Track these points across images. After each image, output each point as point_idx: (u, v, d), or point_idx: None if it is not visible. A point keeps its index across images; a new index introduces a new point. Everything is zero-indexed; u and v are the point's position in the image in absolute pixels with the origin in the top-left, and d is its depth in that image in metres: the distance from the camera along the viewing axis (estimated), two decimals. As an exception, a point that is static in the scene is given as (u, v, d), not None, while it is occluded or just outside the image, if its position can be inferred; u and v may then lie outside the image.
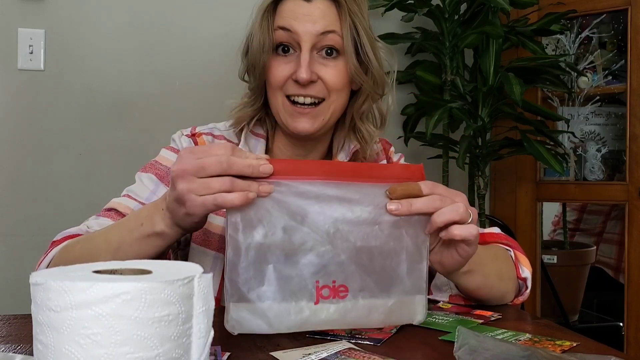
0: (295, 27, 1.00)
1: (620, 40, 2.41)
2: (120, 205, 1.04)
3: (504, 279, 0.99)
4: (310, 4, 1.01)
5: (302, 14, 1.00)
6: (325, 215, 0.76)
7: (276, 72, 1.02)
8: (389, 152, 1.20)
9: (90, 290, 0.49)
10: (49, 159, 1.98)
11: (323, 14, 1.01)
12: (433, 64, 2.13)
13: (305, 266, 0.76)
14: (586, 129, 2.42)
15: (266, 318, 0.76)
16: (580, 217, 2.92)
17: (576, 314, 2.61)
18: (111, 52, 2.02)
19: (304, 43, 1.00)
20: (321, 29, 1.00)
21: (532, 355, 0.66)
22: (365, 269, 0.78)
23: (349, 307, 0.78)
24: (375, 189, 0.78)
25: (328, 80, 1.02)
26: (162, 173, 1.08)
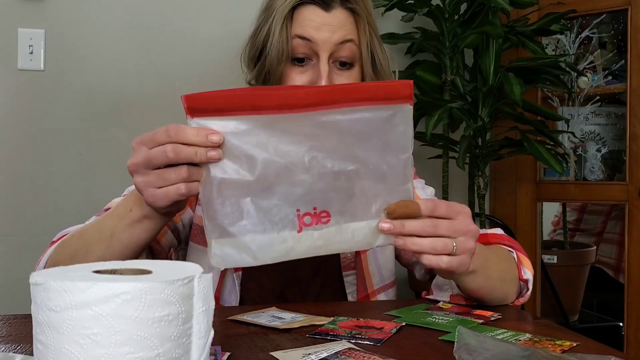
0: (314, 37, 0.99)
1: (620, 40, 2.41)
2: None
3: (506, 281, 0.98)
4: (329, 13, 1.00)
5: (321, 24, 0.99)
6: (300, 144, 0.74)
7: (293, 81, 1.01)
8: None
9: (90, 290, 0.49)
10: (49, 159, 1.98)
11: (342, 24, 1.00)
12: (433, 64, 2.13)
13: (283, 196, 0.75)
14: (586, 129, 2.42)
15: (250, 251, 0.75)
16: (581, 217, 2.92)
17: (576, 314, 2.61)
18: (111, 52, 2.03)
19: (322, 53, 1.00)
20: (340, 38, 1.00)
21: (532, 355, 0.66)
22: (346, 193, 0.76)
23: (332, 232, 0.77)
24: (355, 113, 0.74)
25: None
26: None
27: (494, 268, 0.95)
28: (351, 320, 0.87)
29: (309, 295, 1.11)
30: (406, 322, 0.87)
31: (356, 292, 1.12)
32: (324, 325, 0.84)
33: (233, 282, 1.07)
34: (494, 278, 0.95)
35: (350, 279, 1.12)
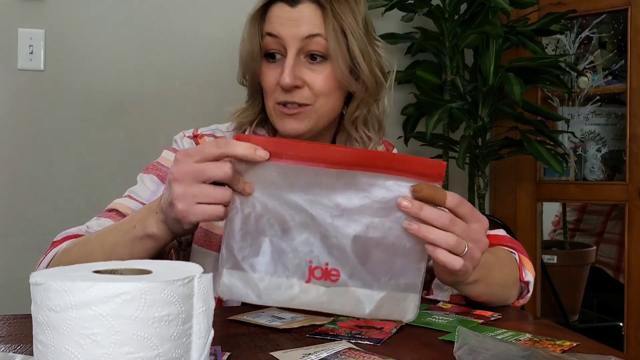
0: (280, 32, 1.00)
1: (620, 40, 2.41)
2: (121, 206, 1.04)
3: (507, 286, 0.99)
4: (294, 8, 1.00)
5: (286, 19, 1.00)
6: (329, 198, 0.76)
7: (266, 78, 1.03)
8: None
9: (90, 290, 0.49)
10: (49, 159, 1.98)
11: (308, 18, 1.00)
12: (433, 64, 2.13)
13: (301, 244, 0.76)
14: (586, 129, 2.42)
15: (256, 289, 0.76)
16: (581, 217, 2.92)
17: (576, 314, 2.62)
18: (111, 52, 2.03)
19: (289, 48, 1.00)
20: (305, 32, 0.99)
21: (532, 355, 0.66)
22: (360, 259, 0.77)
23: (338, 292, 0.77)
24: (386, 181, 0.76)
25: (313, 85, 1.01)
26: (163, 174, 1.08)
27: (496, 276, 0.95)
28: (351, 320, 0.87)
29: None
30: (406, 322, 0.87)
31: None
32: (324, 325, 0.84)
33: None
34: (495, 285, 0.95)
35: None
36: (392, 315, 0.80)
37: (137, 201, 1.05)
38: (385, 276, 0.78)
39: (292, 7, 1.00)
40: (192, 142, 1.11)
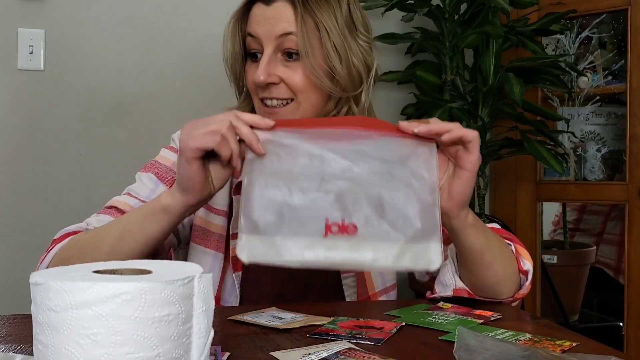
0: (257, 31, 1.02)
1: (620, 40, 2.41)
2: (120, 203, 1.05)
3: (506, 259, 0.97)
4: (269, 7, 1.02)
5: (263, 18, 1.02)
6: (340, 156, 0.80)
7: (248, 77, 1.06)
8: None
9: (90, 290, 0.49)
10: (49, 159, 1.98)
11: (282, 16, 1.01)
12: (433, 64, 2.13)
13: (315, 202, 0.78)
14: (586, 129, 2.42)
15: (277, 250, 0.77)
16: (580, 217, 2.92)
17: (576, 314, 2.62)
18: (111, 52, 2.03)
19: (265, 46, 1.02)
20: (279, 31, 1.01)
21: (532, 355, 0.66)
22: (375, 210, 0.78)
23: (357, 246, 0.78)
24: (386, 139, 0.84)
25: (289, 82, 1.02)
26: (161, 172, 1.08)
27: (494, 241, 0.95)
28: (351, 320, 0.87)
29: (307, 296, 1.11)
30: (406, 322, 0.87)
31: (356, 295, 1.11)
32: (324, 325, 0.84)
33: (233, 282, 1.07)
34: (494, 247, 0.95)
35: (349, 281, 1.11)
36: (416, 264, 0.79)
37: (137, 199, 1.05)
38: (403, 225, 0.78)
39: (267, 5, 1.03)
40: None
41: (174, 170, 1.07)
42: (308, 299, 1.11)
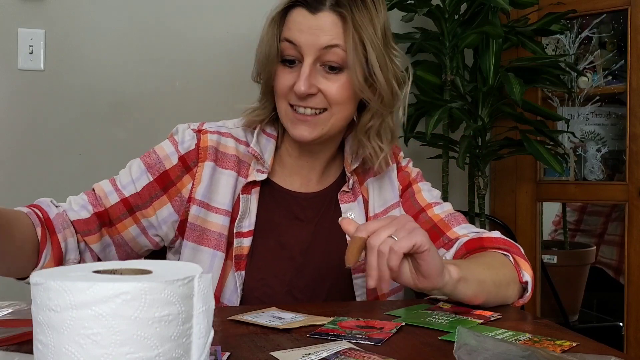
0: (299, 40, 1.00)
1: (620, 40, 2.41)
2: (98, 187, 1.10)
3: (502, 285, 0.98)
4: (315, 17, 0.99)
5: (306, 27, 1.00)
6: None
7: (280, 81, 1.03)
8: (398, 157, 1.21)
9: (90, 290, 0.49)
10: (49, 159, 1.98)
11: (328, 28, 0.99)
12: (433, 64, 2.13)
13: None
14: (586, 129, 2.42)
15: None
16: (581, 218, 2.92)
17: (576, 314, 2.62)
18: (111, 52, 2.03)
19: (306, 56, 1.00)
20: (325, 43, 0.99)
21: (532, 355, 0.66)
22: None
23: None
24: None
25: (328, 94, 1.02)
26: (151, 162, 1.08)
27: (485, 274, 0.96)
28: (351, 320, 0.87)
29: (317, 296, 1.10)
30: (406, 322, 0.87)
31: (365, 295, 1.11)
32: (324, 325, 0.84)
33: (235, 282, 1.07)
34: (488, 283, 0.95)
35: (360, 281, 1.11)
36: None
37: (116, 187, 1.08)
38: None
39: (313, 14, 1.00)
40: (194, 135, 1.10)
41: (164, 162, 1.07)
42: (317, 299, 1.10)
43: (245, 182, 1.08)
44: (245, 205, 1.07)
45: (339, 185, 1.14)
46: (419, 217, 1.14)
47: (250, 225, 1.07)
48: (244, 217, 1.07)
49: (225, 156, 1.09)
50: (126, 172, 1.09)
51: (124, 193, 1.07)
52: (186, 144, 1.08)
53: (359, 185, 1.14)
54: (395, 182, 1.17)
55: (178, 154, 1.07)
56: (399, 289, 1.15)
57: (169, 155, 1.08)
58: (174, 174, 1.07)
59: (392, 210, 1.15)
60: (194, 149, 1.08)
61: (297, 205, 1.12)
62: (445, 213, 1.14)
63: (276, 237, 1.09)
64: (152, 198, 1.07)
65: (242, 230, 1.06)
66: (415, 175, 1.19)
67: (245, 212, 1.07)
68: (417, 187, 1.17)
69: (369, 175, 1.15)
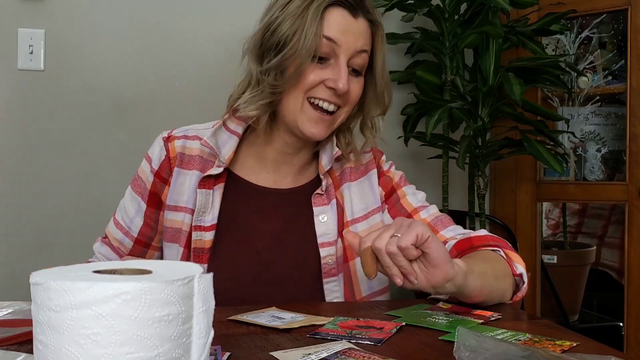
0: (340, 40, 1.02)
1: (620, 40, 2.41)
2: (110, 235, 1.17)
3: (499, 277, 0.99)
4: (356, 20, 1.04)
5: (349, 29, 1.03)
6: None
7: (311, 77, 1.03)
8: (379, 161, 1.21)
9: (90, 290, 0.49)
10: (49, 159, 1.98)
11: (364, 33, 1.05)
12: (433, 64, 2.13)
13: None
14: (586, 129, 2.42)
15: None
16: (582, 221, 2.92)
17: (576, 314, 2.62)
18: (111, 52, 2.03)
19: (342, 55, 1.03)
20: (359, 47, 1.04)
21: (532, 355, 0.66)
22: None
23: None
24: None
25: (352, 94, 1.07)
26: (139, 189, 1.14)
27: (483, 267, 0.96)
28: (351, 320, 0.87)
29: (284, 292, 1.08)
30: (406, 322, 0.87)
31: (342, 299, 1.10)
32: (324, 325, 0.84)
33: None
34: (489, 275, 0.96)
35: (331, 285, 1.09)
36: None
37: (124, 230, 1.15)
38: None
39: (355, 18, 1.04)
40: (163, 147, 1.13)
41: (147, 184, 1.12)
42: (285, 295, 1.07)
43: (202, 176, 1.09)
44: (205, 199, 1.09)
45: (313, 186, 1.14)
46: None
47: (213, 220, 1.08)
48: (205, 212, 1.08)
49: (190, 158, 1.12)
50: (124, 209, 1.15)
51: (133, 234, 1.14)
52: (156, 158, 1.13)
53: (334, 190, 1.14)
54: (377, 187, 1.18)
55: (152, 171, 1.13)
56: (380, 293, 1.14)
57: (147, 176, 1.13)
58: (156, 189, 1.13)
59: (373, 214, 1.15)
60: (165, 160, 1.12)
61: (264, 200, 1.12)
62: (432, 217, 1.15)
63: (241, 231, 1.10)
64: (155, 222, 1.14)
65: (203, 224, 1.08)
66: (399, 179, 1.19)
67: (206, 206, 1.08)
68: (402, 192, 1.18)
69: (346, 179, 1.16)
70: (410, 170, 2.33)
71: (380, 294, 1.14)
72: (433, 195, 2.27)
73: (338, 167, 1.16)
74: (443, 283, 0.87)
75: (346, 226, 1.12)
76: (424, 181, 2.29)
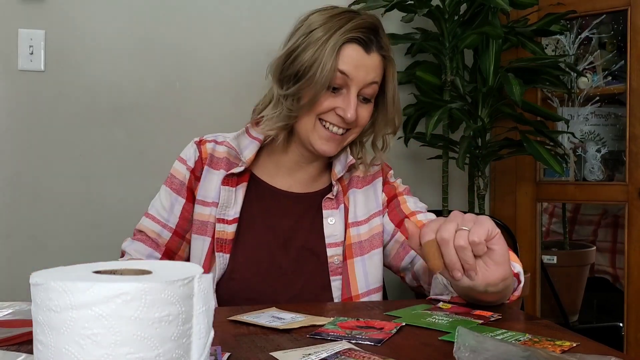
0: (352, 74, 1.11)
1: (620, 40, 2.41)
2: (146, 229, 1.20)
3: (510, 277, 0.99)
4: (369, 56, 1.12)
5: (362, 64, 1.12)
6: None
7: (324, 104, 1.13)
8: (387, 175, 1.29)
9: (90, 291, 0.49)
10: (49, 160, 1.98)
11: (375, 67, 1.14)
12: (433, 65, 2.13)
13: None
14: (586, 130, 2.42)
15: None
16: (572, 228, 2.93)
17: (576, 314, 2.62)
18: (111, 53, 2.03)
19: (354, 87, 1.12)
20: (370, 79, 1.13)
21: (532, 355, 0.66)
22: None
23: None
24: None
25: (361, 119, 1.15)
26: (176, 186, 1.21)
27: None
28: (351, 321, 0.87)
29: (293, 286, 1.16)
30: (406, 322, 0.87)
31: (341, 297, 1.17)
32: (324, 326, 0.84)
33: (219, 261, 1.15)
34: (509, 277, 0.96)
35: (337, 284, 1.17)
36: None
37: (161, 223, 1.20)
38: None
39: (368, 54, 1.12)
40: (196, 148, 1.22)
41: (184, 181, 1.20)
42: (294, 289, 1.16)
43: (226, 174, 1.18)
44: (229, 195, 1.18)
45: (324, 193, 1.23)
46: (404, 224, 1.20)
47: (235, 214, 1.17)
48: (228, 206, 1.17)
49: (218, 160, 1.21)
50: (159, 205, 1.21)
51: (172, 227, 1.20)
52: (191, 158, 1.22)
53: (342, 195, 1.23)
54: (380, 194, 1.26)
55: (189, 169, 1.21)
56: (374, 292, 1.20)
57: (184, 174, 1.21)
58: (191, 185, 1.21)
59: (374, 217, 1.23)
60: (198, 160, 1.22)
61: (279, 201, 1.21)
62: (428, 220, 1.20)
63: (258, 227, 1.19)
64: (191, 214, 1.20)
65: (227, 218, 1.17)
66: (403, 189, 1.28)
67: (229, 202, 1.17)
68: (403, 199, 1.26)
69: (353, 186, 1.24)
70: (410, 170, 2.33)
71: (374, 292, 1.20)
72: (433, 195, 2.27)
73: (347, 175, 1.25)
74: (499, 282, 0.87)
75: (348, 227, 1.20)
76: (424, 181, 2.29)
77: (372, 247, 1.20)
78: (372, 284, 1.19)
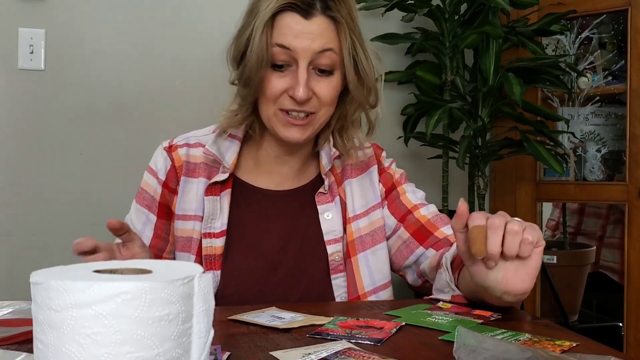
0: (293, 45, 0.99)
1: (620, 40, 2.41)
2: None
3: None
4: (309, 21, 0.99)
5: (301, 32, 0.99)
6: None
7: (272, 86, 1.02)
8: (380, 157, 1.20)
9: (90, 290, 0.49)
10: (49, 159, 1.98)
11: (322, 32, 1.00)
12: (433, 64, 2.13)
13: None
14: (586, 129, 2.42)
15: None
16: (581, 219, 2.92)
17: (576, 314, 2.62)
18: (111, 52, 2.03)
19: (301, 61, 1.00)
20: (319, 47, 1.00)
21: (532, 355, 0.66)
22: None
23: None
24: None
25: (322, 96, 1.03)
26: (147, 203, 1.12)
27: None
28: (351, 320, 0.87)
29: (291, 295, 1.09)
30: (406, 322, 0.87)
31: (346, 295, 1.11)
32: (324, 325, 0.84)
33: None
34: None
35: (339, 281, 1.10)
36: None
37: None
38: None
39: (307, 19, 0.99)
40: (167, 156, 1.12)
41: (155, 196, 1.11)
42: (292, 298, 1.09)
43: (208, 183, 1.09)
44: (213, 206, 1.08)
45: (315, 185, 1.15)
46: (407, 219, 1.14)
47: (223, 226, 1.08)
48: (214, 218, 1.08)
49: (195, 166, 1.11)
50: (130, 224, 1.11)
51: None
52: (162, 169, 1.12)
53: (336, 187, 1.14)
54: (377, 184, 1.17)
55: (160, 182, 1.12)
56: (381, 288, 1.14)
57: (155, 188, 1.12)
58: (165, 200, 1.12)
59: (373, 210, 1.15)
60: (171, 169, 1.11)
61: (269, 203, 1.12)
62: (432, 214, 1.15)
63: (250, 234, 1.10)
64: (166, 233, 1.12)
65: (213, 231, 1.08)
66: (399, 176, 1.20)
67: (215, 213, 1.08)
68: (402, 189, 1.18)
69: (347, 176, 1.16)
70: (410, 170, 2.32)
71: (382, 289, 1.14)
72: (433, 195, 2.27)
73: (339, 164, 1.16)
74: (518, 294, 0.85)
75: (348, 222, 1.12)
76: (424, 181, 2.29)
77: (375, 242, 1.13)
78: (379, 280, 1.13)
